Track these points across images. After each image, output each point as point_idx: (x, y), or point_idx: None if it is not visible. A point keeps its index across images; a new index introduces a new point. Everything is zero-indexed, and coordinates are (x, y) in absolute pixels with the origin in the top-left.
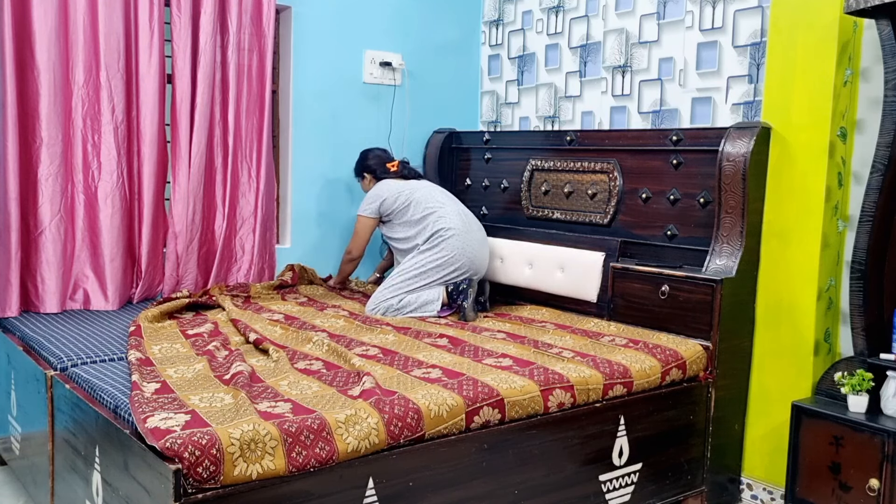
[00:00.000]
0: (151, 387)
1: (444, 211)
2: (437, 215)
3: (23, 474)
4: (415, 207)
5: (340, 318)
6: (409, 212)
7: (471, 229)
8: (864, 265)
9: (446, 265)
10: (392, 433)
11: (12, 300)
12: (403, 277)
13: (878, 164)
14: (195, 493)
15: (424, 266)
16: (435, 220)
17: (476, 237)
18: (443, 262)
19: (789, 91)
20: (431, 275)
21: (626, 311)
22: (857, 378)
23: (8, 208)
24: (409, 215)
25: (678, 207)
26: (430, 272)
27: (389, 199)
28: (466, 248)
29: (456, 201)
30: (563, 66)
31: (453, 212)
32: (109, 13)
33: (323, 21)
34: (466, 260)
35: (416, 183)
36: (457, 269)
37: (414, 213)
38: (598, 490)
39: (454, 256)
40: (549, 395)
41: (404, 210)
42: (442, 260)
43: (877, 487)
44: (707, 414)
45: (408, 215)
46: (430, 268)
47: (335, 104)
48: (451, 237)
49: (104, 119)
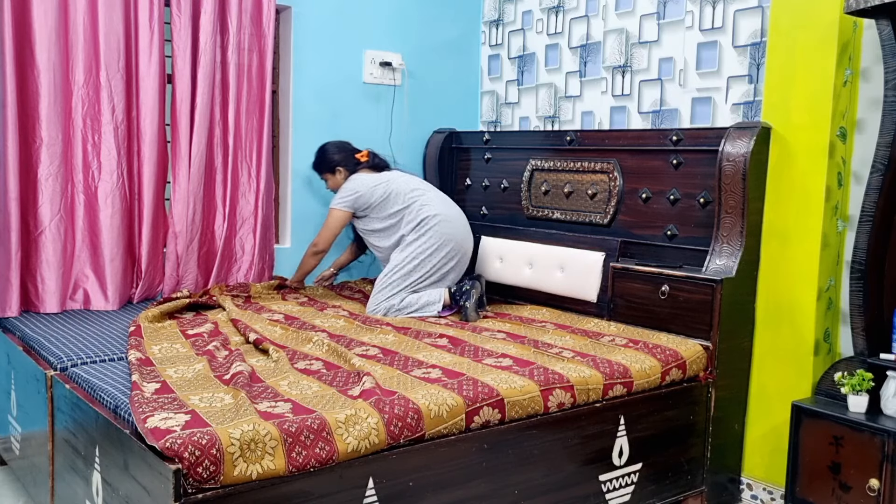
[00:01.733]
0: (151, 387)
1: (425, 198)
2: (419, 203)
3: (23, 474)
4: (395, 198)
5: (340, 318)
6: (390, 203)
7: (453, 212)
8: (864, 265)
9: (438, 251)
10: (392, 433)
11: (12, 300)
12: (400, 274)
13: (878, 164)
14: (195, 493)
15: (417, 257)
16: (419, 209)
17: (460, 221)
18: (434, 250)
19: (789, 91)
20: (426, 264)
21: (626, 311)
22: (857, 378)
23: (8, 208)
24: (389, 207)
25: (678, 207)
26: (425, 262)
27: (366, 193)
28: (454, 232)
29: (433, 187)
30: (563, 66)
31: (435, 198)
32: (109, 13)
33: (323, 21)
34: (455, 244)
35: (389, 174)
36: (447, 255)
37: (394, 204)
38: (598, 490)
39: (443, 241)
40: (549, 395)
41: (384, 203)
42: (433, 247)
43: (877, 487)
44: (707, 414)
45: (388, 207)
46: (423, 258)
47: (335, 104)
48: (438, 223)
49: (104, 119)
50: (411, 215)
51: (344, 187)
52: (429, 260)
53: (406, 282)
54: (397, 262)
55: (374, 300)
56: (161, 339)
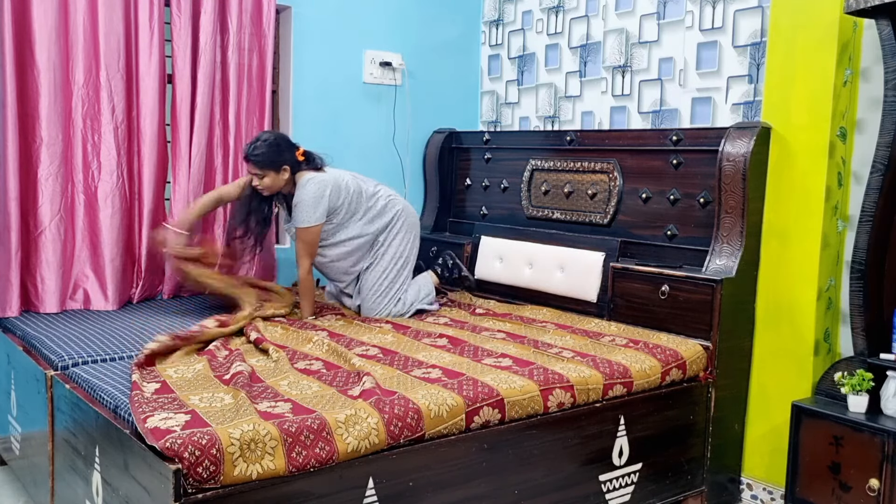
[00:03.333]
0: (151, 387)
1: (383, 191)
2: (383, 198)
3: (23, 474)
4: (357, 198)
5: (340, 318)
6: (355, 205)
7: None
8: (864, 265)
9: (414, 243)
10: (392, 433)
11: (12, 300)
12: (391, 277)
13: (878, 164)
14: (195, 493)
15: (402, 256)
16: (384, 205)
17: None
18: (411, 244)
19: (789, 91)
20: (409, 260)
21: (626, 311)
22: (857, 378)
23: (8, 208)
24: (354, 210)
25: (678, 207)
26: (408, 259)
27: (333, 195)
28: (415, 217)
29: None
30: (563, 66)
31: (382, 186)
32: (109, 13)
33: (323, 21)
34: (418, 227)
35: (333, 171)
36: (416, 241)
37: (359, 204)
38: (598, 490)
39: (415, 232)
40: (548, 394)
41: (351, 206)
42: (411, 237)
43: (877, 487)
44: (707, 414)
45: (353, 210)
46: (407, 253)
47: (335, 104)
48: (404, 212)
49: (104, 119)
50: (380, 212)
51: (305, 200)
52: (411, 255)
53: (397, 284)
54: (384, 266)
55: (371, 309)
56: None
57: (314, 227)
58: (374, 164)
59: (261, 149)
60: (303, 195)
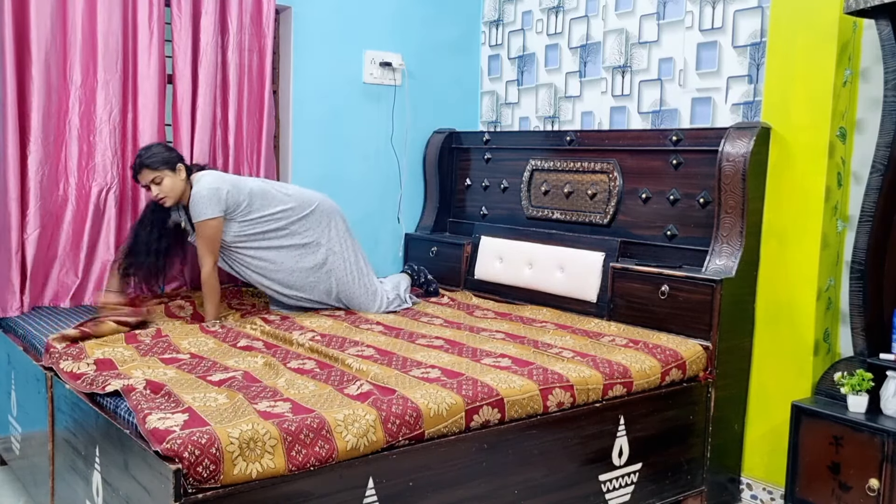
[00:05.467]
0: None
1: (289, 189)
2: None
3: (23, 474)
4: (264, 193)
5: (329, 318)
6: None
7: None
8: (863, 265)
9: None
10: (390, 430)
11: (12, 300)
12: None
13: (877, 164)
14: (195, 492)
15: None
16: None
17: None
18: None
19: (789, 91)
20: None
21: (626, 311)
22: (857, 378)
23: (8, 208)
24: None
25: (678, 207)
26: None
27: (232, 187)
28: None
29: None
30: (562, 66)
31: (289, 186)
32: (108, 14)
33: (323, 21)
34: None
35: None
36: (347, 226)
37: (272, 197)
38: (597, 490)
39: (345, 224)
40: (548, 394)
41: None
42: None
43: (876, 487)
44: (707, 414)
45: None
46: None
47: (335, 104)
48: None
49: (101, 119)
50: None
51: (202, 195)
52: (358, 245)
53: (369, 275)
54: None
55: (370, 307)
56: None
57: (213, 221)
58: (373, 164)
59: (153, 150)
60: (199, 188)
